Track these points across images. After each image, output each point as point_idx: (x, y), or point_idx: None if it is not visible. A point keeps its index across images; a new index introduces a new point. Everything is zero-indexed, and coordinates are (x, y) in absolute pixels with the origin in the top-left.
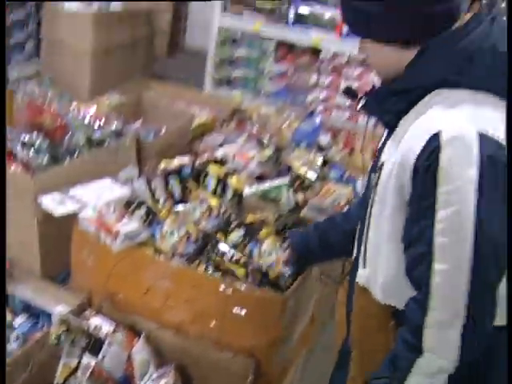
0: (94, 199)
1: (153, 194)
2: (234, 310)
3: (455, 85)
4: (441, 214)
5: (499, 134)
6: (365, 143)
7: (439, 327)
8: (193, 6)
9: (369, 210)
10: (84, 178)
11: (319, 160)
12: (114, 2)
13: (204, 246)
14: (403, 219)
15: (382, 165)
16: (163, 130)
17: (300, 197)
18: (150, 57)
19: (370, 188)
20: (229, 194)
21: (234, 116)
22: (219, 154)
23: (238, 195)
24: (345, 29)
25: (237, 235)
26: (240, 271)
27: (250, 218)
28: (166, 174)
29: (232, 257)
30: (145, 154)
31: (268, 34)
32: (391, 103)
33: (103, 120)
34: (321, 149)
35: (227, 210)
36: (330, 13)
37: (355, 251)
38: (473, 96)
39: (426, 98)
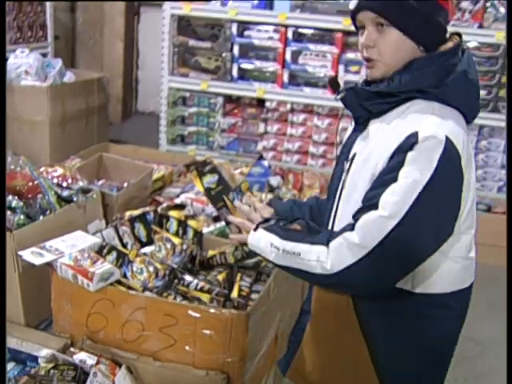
0: (69, 249)
1: (121, 239)
2: (204, 332)
3: (430, 96)
4: (398, 181)
5: (459, 142)
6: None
7: (346, 243)
8: (142, 71)
9: (339, 192)
10: (57, 233)
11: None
12: (67, 74)
13: (171, 280)
14: (361, 193)
15: (355, 155)
16: (125, 185)
17: None
18: (105, 123)
19: (338, 175)
20: (190, 234)
21: (189, 168)
22: (178, 200)
23: (198, 234)
24: (285, 80)
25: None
26: (205, 297)
27: (210, 253)
28: (132, 220)
29: (197, 285)
30: (110, 208)
31: (215, 90)
32: (374, 103)
33: (70, 180)
34: (272, 189)
35: (189, 247)
36: (271, 66)
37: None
38: (443, 109)
39: (404, 106)
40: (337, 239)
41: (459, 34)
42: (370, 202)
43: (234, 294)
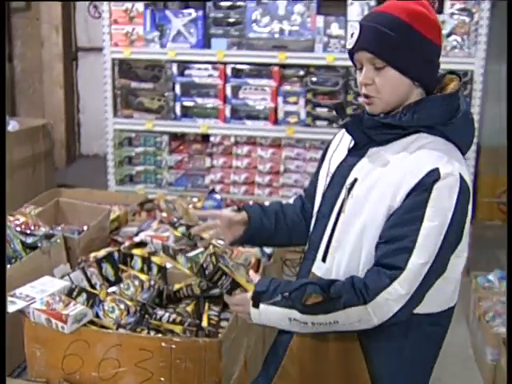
0: (39, 294)
1: (89, 281)
2: (179, 362)
3: (435, 132)
4: (426, 223)
5: (467, 178)
6: None
7: (393, 297)
8: (84, 114)
9: (335, 215)
10: (25, 279)
11: None
12: (11, 123)
13: (143, 316)
14: (377, 225)
15: (355, 181)
16: (85, 228)
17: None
18: (52, 168)
19: (333, 199)
20: (154, 269)
21: (142, 207)
22: (138, 239)
23: (162, 269)
24: (227, 114)
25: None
26: (178, 328)
27: (176, 286)
28: (99, 261)
29: (169, 318)
30: (72, 251)
31: (160, 129)
32: (380, 133)
33: (32, 226)
34: None
35: (156, 282)
36: (212, 103)
37: (308, 245)
38: (446, 145)
39: (410, 138)
40: (380, 296)
41: (454, 73)
42: (401, 246)
43: (204, 323)
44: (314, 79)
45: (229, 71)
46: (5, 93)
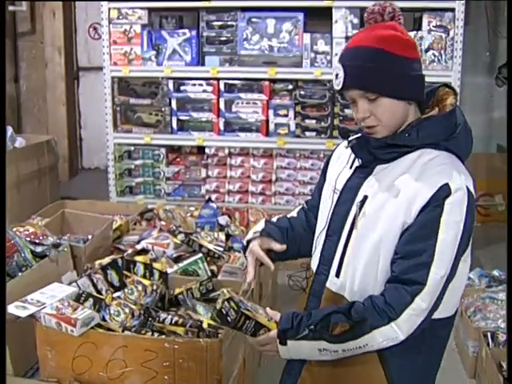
0: (49, 300)
1: (95, 286)
2: (182, 361)
3: (439, 147)
4: (440, 237)
5: (470, 186)
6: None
7: (416, 312)
8: (85, 130)
9: (346, 232)
10: (35, 286)
11: (222, 236)
12: (18, 140)
13: (147, 319)
14: (392, 240)
15: (365, 198)
16: (90, 237)
17: (213, 267)
18: (56, 181)
19: (342, 216)
20: (156, 275)
21: (142, 216)
22: (140, 247)
23: (163, 275)
24: (221, 127)
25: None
26: (180, 330)
27: (177, 291)
28: (104, 268)
29: (171, 320)
30: (78, 259)
31: (158, 142)
32: (386, 152)
33: (41, 236)
34: (222, 228)
35: (158, 287)
36: (207, 116)
37: (318, 261)
38: (450, 158)
39: (415, 154)
40: (405, 313)
41: (448, 85)
42: (420, 262)
43: (205, 324)
44: (303, 93)
45: (222, 86)
46: (5, 94)
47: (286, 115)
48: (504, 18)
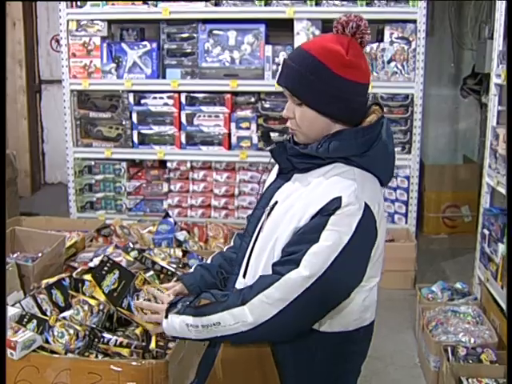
0: None
1: (40, 307)
2: None
3: (351, 163)
4: (320, 243)
5: (375, 206)
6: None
7: (269, 300)
8: (47, 144)
9: (256, 233)
10: None
11: (179, 253)
12: None
13: (92, 340)
14: (284, 243)
15: (276, 203)
16: (39, 255)
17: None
18: (15, 197)
19: (257, 218)
20: None
21: (99, 233)
22: (91, 264)
23: None
24: (183, 141)
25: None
26: (125, 351)
27: None
28: (49, 288)
29: (116, 341)
30: (26, 278)
31: (118, 157)
32: (300, 162)
33: None
34: (179, 244)
35: (106, 306)
36: (168, 130)
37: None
38: (361, 175)
39: (327, 167)
40: (257, 297)
41: (378, 104)
42: (292, 258)
43: (153, 345)
44: (265, 105)
45: (183, 99)
46: (5, 92)
47: (249, 128)
48: (468, 30)
